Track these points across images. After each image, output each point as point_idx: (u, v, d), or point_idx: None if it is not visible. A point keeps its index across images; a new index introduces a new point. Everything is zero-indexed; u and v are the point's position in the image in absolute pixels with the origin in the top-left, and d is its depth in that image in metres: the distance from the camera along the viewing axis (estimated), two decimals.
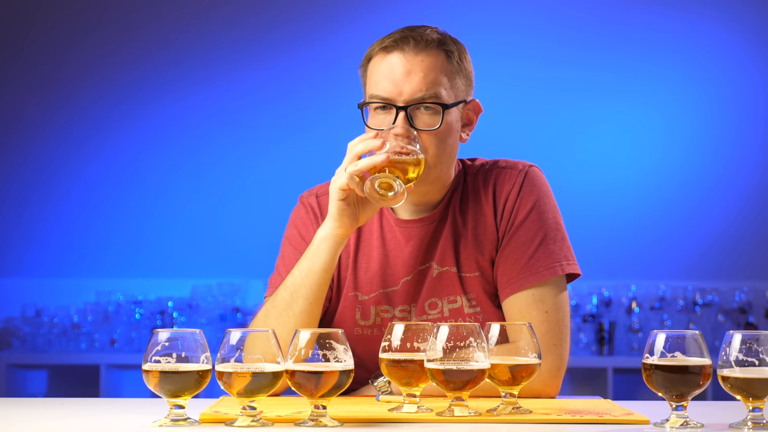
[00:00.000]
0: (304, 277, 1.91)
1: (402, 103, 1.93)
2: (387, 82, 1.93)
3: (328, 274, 1.91)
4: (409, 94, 1.92)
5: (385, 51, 1.95)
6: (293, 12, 5.36)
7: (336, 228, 1.89)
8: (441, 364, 1.57)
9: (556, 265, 1.97)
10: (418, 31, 1.96)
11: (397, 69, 1.93)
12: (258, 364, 1.52)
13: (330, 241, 1.89)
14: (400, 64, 1.93)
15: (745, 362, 1.51)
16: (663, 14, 5.28)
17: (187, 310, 4.98)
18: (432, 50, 1.95)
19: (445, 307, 2.01)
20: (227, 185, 5.31)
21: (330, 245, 1.90)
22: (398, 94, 1.93)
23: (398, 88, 1.92)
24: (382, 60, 1.95)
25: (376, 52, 1.97)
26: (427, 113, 1.94)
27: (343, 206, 1.88)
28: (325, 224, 1.91)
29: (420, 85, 1.92)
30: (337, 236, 1.89)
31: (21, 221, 5.33)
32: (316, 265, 1.90)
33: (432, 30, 1.98)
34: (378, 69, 1.95)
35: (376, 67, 1.96)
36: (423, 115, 1.94)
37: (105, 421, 1.63)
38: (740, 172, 5.28)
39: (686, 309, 4.97)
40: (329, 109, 5.24)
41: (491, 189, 2.04)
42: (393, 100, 1.93)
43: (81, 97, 5.35)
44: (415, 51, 1.93)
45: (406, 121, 1.92)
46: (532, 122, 5.18)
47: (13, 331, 4.96)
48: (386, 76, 1.93)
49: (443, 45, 1.96)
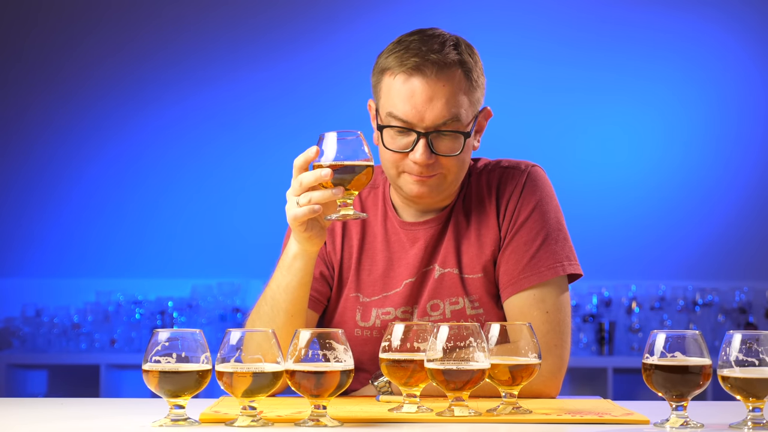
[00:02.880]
0: (282, 293, 1.89)
1: (423, 130, 1.90)
2: (408, 106, 1.90)
3: (305, 288, 1.89)
4: (431, 120, 1.90)
5: (406, 74, 1.90)
6: (293, 12, 5.36)
7: (307, 247, 1.85)
8: (441, 364, 1.57)
9: (557, 265, 1.97)
10: (438, 51, 1.90)
11: (419, 94, 1.89)
12: (258, 364, 1.52)
13: (303, 258, 1.86)
14: (421, 90, 1.89)
15: (745, 362, 1.51)
16: (663, 14, 5.28)
17: (187, 310, 4.98)
18: (453, 72, 1.91)
19: (447, 309, 2.01)
20: (227, 185, 5.31)
21: (304, 263, 1.87)
22: (420, 120, 1.90)
23: (420, 114, 1.89)
24: (403, 82, 1.90)
25: (395, 70, 1.91)
26: (448, 137, 1.92)
27: (307, 231, 1.81)
28: (294, 243, 1.86)
29: (442, 112, 1.90)
30: (310, 252, 1.86)
31: (21, 221, 5.33)
32: (293, 281, 1.88)
33: (449, 43, 1.93)
34: (397, 90, 1.91)
35: (396, 87, 1.91)
36: (444, 140, 1.92)
37: (105, 421, 1.63)
38: (740, 172, 5.28)
39: (686, 309, 4.97)
40: (329, 109, 5.25)
41: (494, 189, 2.04)
42: (414, 125, 1.90)
43: (81, 98, 5.35)
44: (437, 76, 1.89)
45: (427, 148, 1.90)
46: (531, 122, 5.18)
47: (13, 331, 4.96)
48: (407, 100, 1.90)
49: (463, 65, 1.93)
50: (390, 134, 1.93)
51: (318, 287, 2.05)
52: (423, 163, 1.90)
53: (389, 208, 2.08)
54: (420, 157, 1.90)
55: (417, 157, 1.90)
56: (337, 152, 1.71)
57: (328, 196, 1.73)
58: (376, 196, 2.10)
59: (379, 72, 1.96)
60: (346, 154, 1.71)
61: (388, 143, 1.94)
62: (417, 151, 1.90)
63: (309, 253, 1.86)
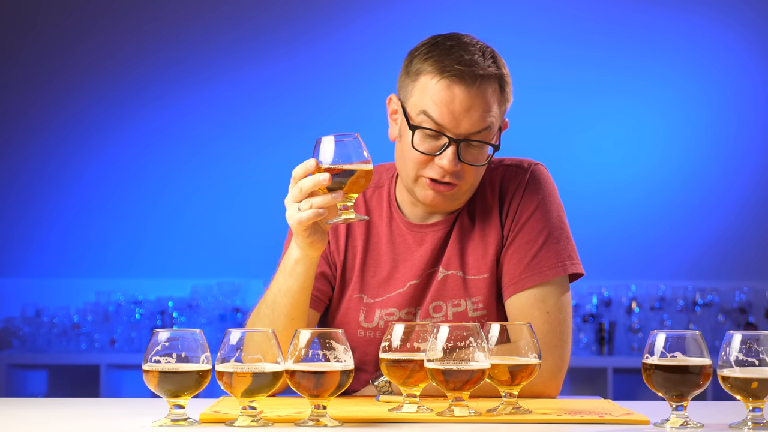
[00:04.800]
0: (283, 297, 1.89)
1: (455, 136, 1.90)
2: (446, 112, 1.89)
3: (306, 292, 1.89)
4: (467, 129, 1.90)
5: (449, 80, 1.90)
6: (293, 12, 5.36)
7: (309, 252, 1.85)
8: (441, 364, 1.57)
9: (559, 265, 1.97)
10: (479, 63, 1.91)
11: (459, 102, 1.89)
12: (258, 364, 1.52)
13: (305, 263, 1.86)
14: (462, 99, 1.89)
15: (745, 362, 1.51)
16: (663, 14, 5.28)
17: (187, 310, 4.98)
18: (492, 85, 1.92)
19: (449, 311, 2.01)
20: (227, 185, 5.31)
21: (305, 268, 1.87)
22: (455, 126, 1.90)
23: (456, 121, 1.90)
24: (444, 88, 1.90)
25: (435, 74, 1.91)
26: (476, 147, 1.92)
27: (310, 236, 1.81)
28: (296, 248, 1.86)
29: (478, 122, 1.90)
30: (311, 257, 1.86)
31: (21, 221, 5.33)
32: (294, 285, 1.88)
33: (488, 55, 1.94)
34: (436, 93, 1.90)
35: (435, 90, 1.91)
36: (473, 149, 1.92)
37: (105, 421, 1.63)
38: (740, 172, 5.28)
39: (686, 309, 4.96)
40: (329, 109, 5.25)
41: (497, 187, 2.04)
42: (447, 131, 1.90)
43: (81, 98, 5.35)
44: (478, 88, 1.90)
45: (455, 155, 1.90)
46: (532, 122, 5.18)
47: (13, 331, 4.96)
48: (446, 105, 1.89)
49: (500, 78, 1.94)
50: (420, 135, 1.93)
51: (319, 286, 2.04)
52: (449, 169, 1.91)
53: (394, 208, 2.07)
54: (448, 164, 1.90)
55: (444, 162, 1.90)
56: (335, 155, 1.70)
57: (329, 200, 1.72)
58: (380, 196, 2.09)
59: (415, 72, 1.95)
60: (344, 157, 1.70)
61: (417, 144, 1.93)
62: (445, 156, 1.90)
63: (311, 257, 1.86)
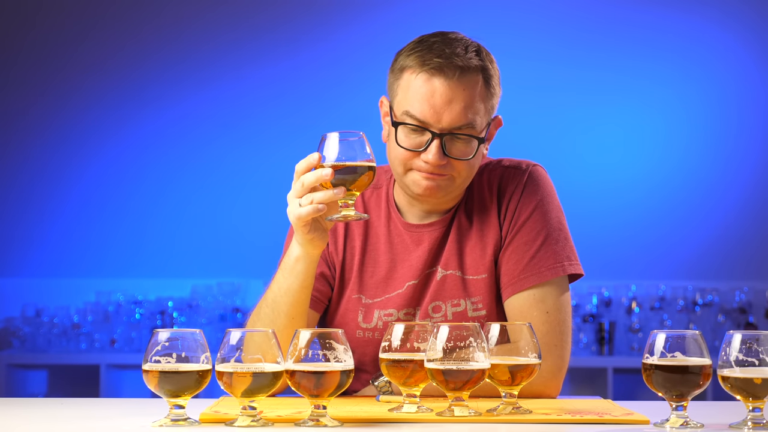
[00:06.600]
0: (283, 296, 1.89)
1: (439, 131, 1.90)
2: (427, 106, 1.90)
3: (307, 291, 1.89)
4: (448, 123, 1.90)
5: (428, 73, 1.90)
6: (293, 12, 5.36)
7: (309, 249, 1.85)
8: (441, 364, 1.57)
9: (557, 265, 1.97)
10: (461, 55, 1.91)
11: (439, 96, 1.90)
12: (258, 364, 1.52)
13: (305, 261, 1.86)
14: (442, 92, 1.90)
15: (745, 362, 1.51)
16: (663, 14, 5.28)
17: (187, 310, 4.98)
18: (474, 77, 1.92)
19: (449, 311, 2.01)
20: (227, 185, 5.31)
21: (305, 266, 1.87)
22: (437, 120, 1.90)
23: (438, 115, 1.90)
24: (424, 82, 1.90)
25: (417, 69, 1.91)
26: (462, 141, 1.92)
27: (310, 232, 1.81)
28: (297, 246, 1.86)
29: (460, 116, 1.90)
30: (312, 255, 1.86)
31: (21, 221, 5.33)
32: (294, 284, 1.88)
33: (471, 48, 1.94)
34: (417, 89, 1.91)
35: (415, 85, 1.91)
36: (458, 143, 1.92)
37: (105, 421, 1.63)
38: (740, 172, 5.28)
39: (686, 309, 4.96)
40: (330, 108, 5.25)
41: (495, 188, 2.04)
42: (430, 126, 1.90)
43: (81, 98, 5.35)
44: (459, 80, 1.90)
45: (440, 149, 1.90)
46: (532, 122, 5.18)
47: (13, 331, 4.96)
48: (426, 100, 1.90)
49: (484, 71, 1.94)
50: (404, 132, 1.93)
51: (319, 287, 2.04)
52: (435, 163, 1.91)
53: (393, 209, 2.07)
54: (432, 158, 1.90)
55: (429, 157, 1.90)
56: (339, 153, 1.71)
57: (330, 196, 1.72)
58: (379, 197, 2.10)
59: (399, 69, 1.95)
60: (348, 155, 1.71)
61: (401, 140, 1.93)
62: (430, 151, 1.90)
63: (311, 256, 1.86)
